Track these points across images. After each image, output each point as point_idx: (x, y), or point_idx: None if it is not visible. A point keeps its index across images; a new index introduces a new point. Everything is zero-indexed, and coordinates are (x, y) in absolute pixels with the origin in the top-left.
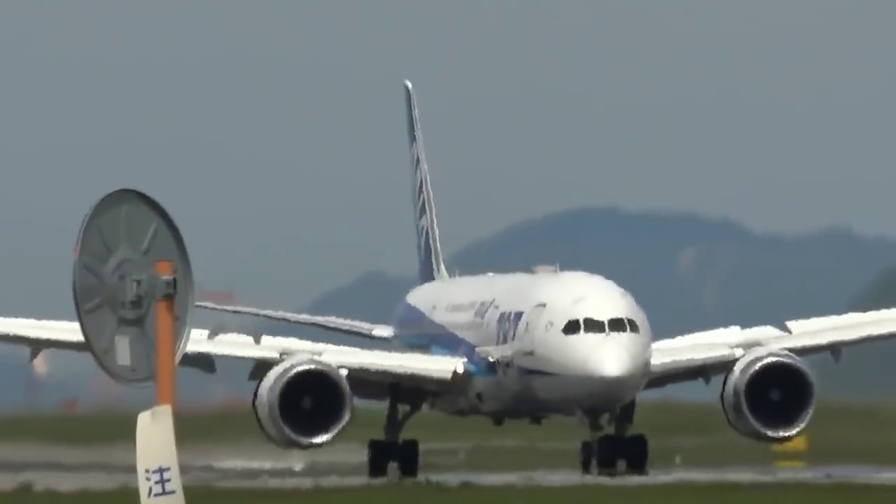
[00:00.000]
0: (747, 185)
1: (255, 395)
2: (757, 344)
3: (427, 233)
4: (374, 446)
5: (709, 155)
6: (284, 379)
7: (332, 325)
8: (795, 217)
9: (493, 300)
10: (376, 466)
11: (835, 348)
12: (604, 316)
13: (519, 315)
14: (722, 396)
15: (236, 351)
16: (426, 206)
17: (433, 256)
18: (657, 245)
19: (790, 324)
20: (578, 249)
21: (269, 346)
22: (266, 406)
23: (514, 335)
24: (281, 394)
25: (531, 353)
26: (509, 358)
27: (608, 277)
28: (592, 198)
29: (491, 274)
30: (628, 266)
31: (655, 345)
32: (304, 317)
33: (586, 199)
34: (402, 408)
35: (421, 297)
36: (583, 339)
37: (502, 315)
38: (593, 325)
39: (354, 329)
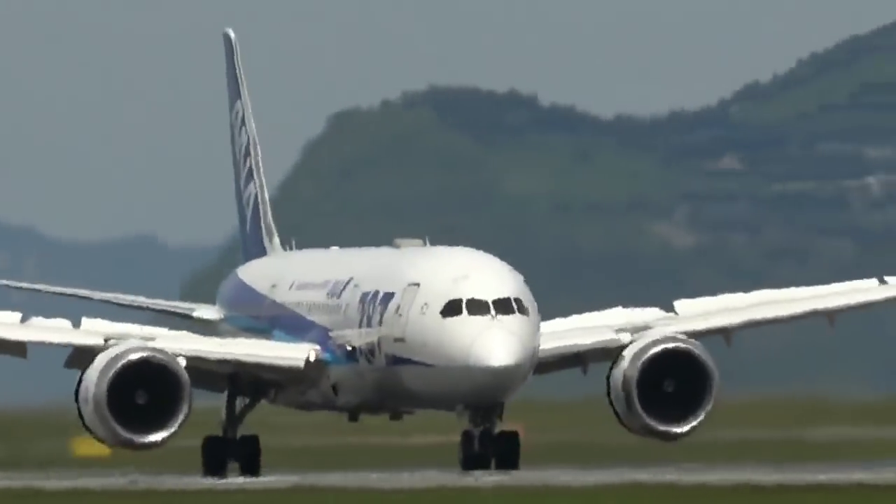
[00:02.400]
0: (51, 190)
1: (78, 387)
2: (645, 327)
3: (256, 201)
4: (210, 443)
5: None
6: (114, 369)
7: (145, 306)
8: (101, 224)
9: (352, 278)
10: (213, 465)
11: (726, 332)
12: (489, 296)
13: (387, 296)
14: (608, 388)
15: (53, 336)
16: (254, 171)
17: (263, 228)
18: None
19: (677, 304)
20: None
21: (91, 330)
22: (92, 401)
23: (382, 319)
24: (110, 386)
25: (402, 340)
26: (374, 345)
27: None
28: None
29: (336, 248)
30: None
31: None
32: (112, 295)
33: None
34: (241, 400)
35: (256, 273)
36: (465, 322)
37: (364, 295)
38: (477, 307)
39: (171, 309)
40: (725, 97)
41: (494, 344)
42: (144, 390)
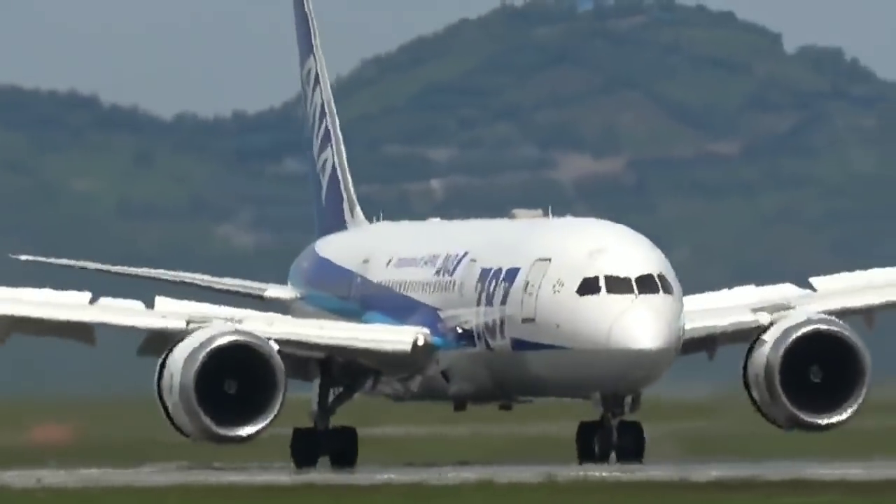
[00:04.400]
0: None
1: (160, 375)
2: (786, 307)
3: (334, 168)
4: (300, 435)
5: None
6: (202, 355)
7: (205, 284)
8: None
9: (466, 253)
10: (304, 459)
11: (868, 313)
12: (631, 272)
13: (511, 272)
14: (745, 374)
15: (130, 319)
16: (330, 134)
17: (343, 197)
18: None
19: (814, 280)
20: None
21: (170, 311)
22: (177, 390)
23: (506, 298)
24: (198, 374)
25: (531, 321)
26: (496, 326)
27: None
28: None
29: (437, 220)
30: None
31: None
32: (172, 274)
33: None
34: (335, 390)
35: (340, 248)
36: (604, 301)
37: (484, 272)
38: (617, 284)
39: (238, 289)
40: (288, 100)
41: (638, 325)
42: (234, 379)
